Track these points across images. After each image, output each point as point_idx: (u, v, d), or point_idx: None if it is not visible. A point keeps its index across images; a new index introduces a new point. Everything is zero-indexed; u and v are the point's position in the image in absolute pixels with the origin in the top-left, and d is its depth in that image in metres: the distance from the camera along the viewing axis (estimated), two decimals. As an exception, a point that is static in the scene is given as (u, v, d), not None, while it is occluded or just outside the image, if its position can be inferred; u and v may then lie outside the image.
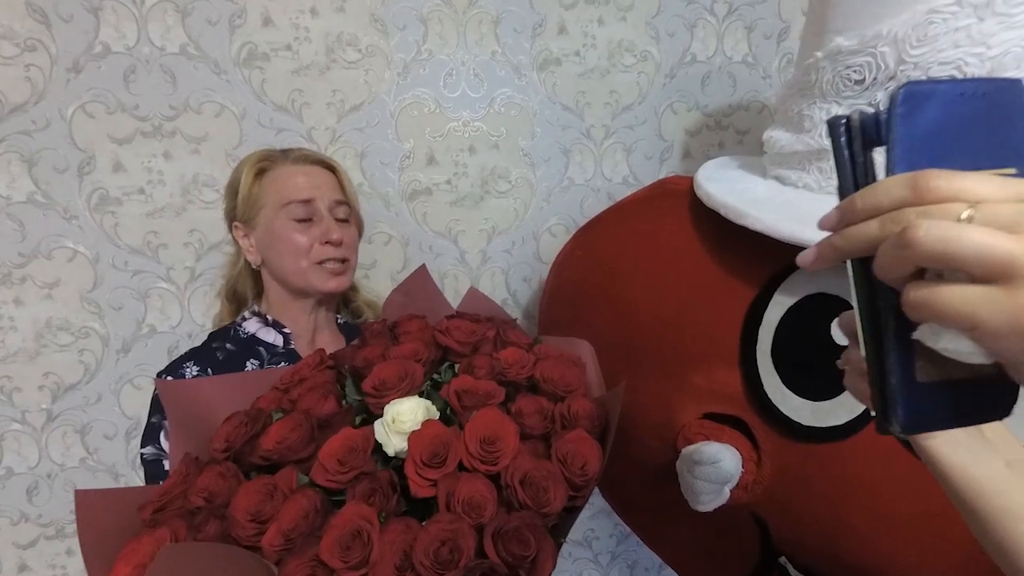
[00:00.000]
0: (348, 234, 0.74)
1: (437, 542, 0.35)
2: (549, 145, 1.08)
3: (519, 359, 0.48)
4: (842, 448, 0.56)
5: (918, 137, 0.23)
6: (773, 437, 0.59)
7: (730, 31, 1.12)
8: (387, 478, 0.39)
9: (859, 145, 0.25)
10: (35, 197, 0.91)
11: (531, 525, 0.36)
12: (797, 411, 0.58)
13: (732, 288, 0.64)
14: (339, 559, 0.34)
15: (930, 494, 0.50)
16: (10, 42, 0.86)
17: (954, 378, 0.25)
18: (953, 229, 0.20)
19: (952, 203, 0.21)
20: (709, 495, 0.58)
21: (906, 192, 0.22)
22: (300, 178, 0.72)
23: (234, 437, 0.45)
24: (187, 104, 0.93)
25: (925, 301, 0.21)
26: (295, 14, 0.94)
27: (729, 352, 0.62)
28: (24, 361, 0.95)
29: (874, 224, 0.23)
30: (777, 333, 0.60)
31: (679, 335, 0.68)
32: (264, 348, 0.72)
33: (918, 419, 0.25)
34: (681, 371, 0.67)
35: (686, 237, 0.71)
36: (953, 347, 0.22)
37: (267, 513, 0.38)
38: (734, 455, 0.58)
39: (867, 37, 0.54)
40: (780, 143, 0.67)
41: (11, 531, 0.99)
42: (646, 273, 0.74)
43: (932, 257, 0.20)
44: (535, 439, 0.42)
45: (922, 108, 0.23)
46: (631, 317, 0.74)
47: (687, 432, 0.62)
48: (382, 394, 0.44)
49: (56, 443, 0.98)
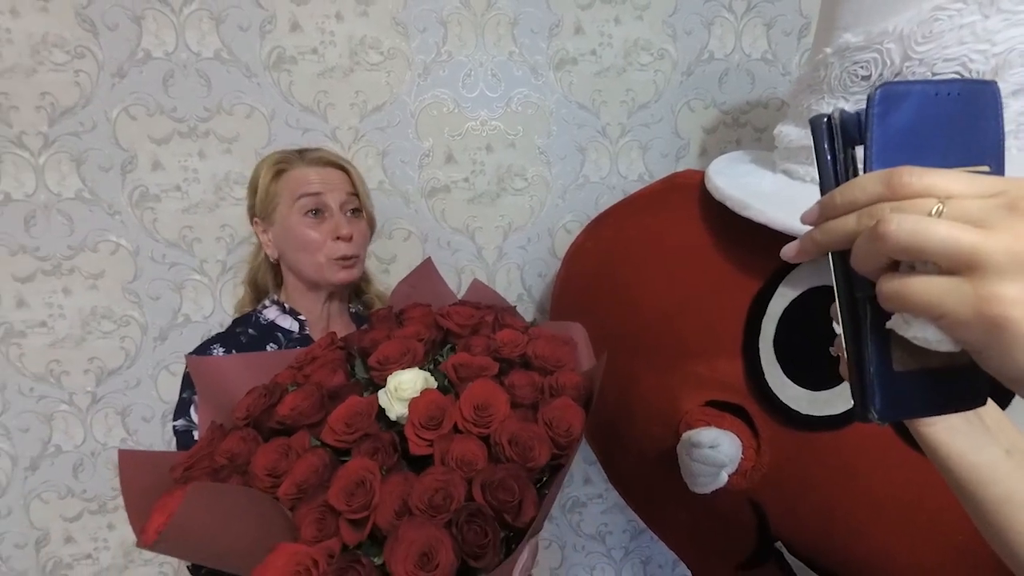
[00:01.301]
0: (358, 229, 0.78)
1: (431, 490, 0.38)
2: (565, 143, 1.10)
3: (513, 339, 0.50)
4: (838, 437, 0.56)
5: (893, 136, 0.24)
6: (772, 425, 0.60)
7: (748, 28, 1.12)
8: (389, 439, 0.42)
9: (840, 143, 0.26)
10: (82, 194, 0.98)
11: (516, 475, 0.39)
12: (796, 400, 0.59)
13: (738, 280, 0.65)
14: (344, 503, 0.37)
15: (923, 484, 0.52)
16: (61, 50, 0.94)
17: (930, 367, 0.25)
18: (922, 223, 0.21)
19: (923, 199, 0.22)
20: (706, 477, 0.59)
21: (880, 188, 0.23)
22: (312, 175, 0.77)
23: (254, 407, 0.49)
24: (220, 106, 0.99)
25: (896, 291, 0.22)
26: (321, 19, 0.99)
27: (732, 342, 0.63)
28: (71, 346, 1.02)
29: (851, 219, 0.24)
30: (780, 324, 0.61)
31: (685, 325, 0.69)
32: (282, 334, 0.77)
33: (894, 407, 0.26)
34: (685, 360, 0.68)
35: (694, 230, 0.72)
36: (922, 335, 0.23)
37: (282, 469, 0.41)
38: (733, 440, 0.59)
39: (874, 34, 0.55)
40: (789, 137, 0.67)
41: (58, 504, 1.06)
42: (654, 265, 0.76)
43: (902, 249, 0.21)
44: (525, 407, 0.45)
45: (898, 108, 0.24)
46: (639, 308, 0.75)
47: (689, 418, 0.64)
48: (385, 367, 0.47)
49: (100, 424, 1.05)
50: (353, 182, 0.80)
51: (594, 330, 0.65)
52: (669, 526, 0.84)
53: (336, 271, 0.75)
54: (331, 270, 0.75)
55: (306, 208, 0.75)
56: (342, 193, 0.77)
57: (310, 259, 0.75)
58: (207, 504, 0.35)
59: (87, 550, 1.09)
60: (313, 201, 0.75)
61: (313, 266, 0.75)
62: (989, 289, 0.20)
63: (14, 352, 1.01)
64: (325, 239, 0.74)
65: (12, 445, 1.03)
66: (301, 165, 0.78)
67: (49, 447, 1.04)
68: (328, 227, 0.75)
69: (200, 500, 0.35)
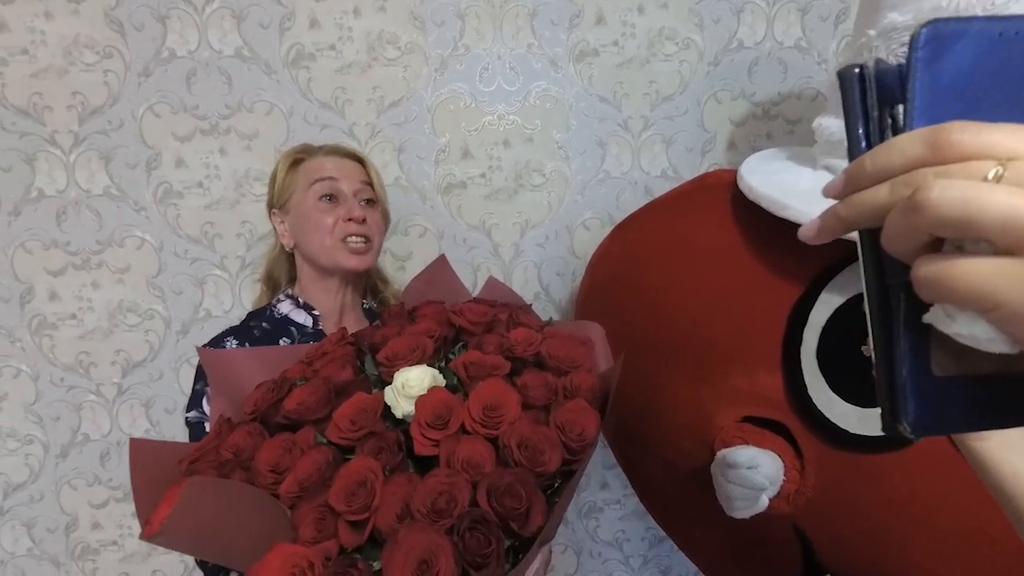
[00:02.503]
0: (372, 216, 0.79)
1: (435, 493, 0.36)
2: (585, 138, 1.07)
3: (527, 337, 0.48)
4: (892, 459, 0.52)
5: (943, 86, 0.20)
6: (817, 445, 0.56)
7: (781, 14, 1.07)
8: (394, 437, 0.40)
9: (874, 99, 0.22)
10: (110, 190, 1.00)
11: (524, 481, 0.37)
12: (844, 417, 0.54)
13: (775, 286, 0.61)
14: (344, 504, 0.36)
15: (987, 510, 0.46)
16: (92, 50, 0.96)
17: (978, 372, 0.21)
18: (973, 189, 0.16)
19: (978, 161, 0.17)
20: (744, 501, 0.55)
21: (922, 149, 0.18)
22: (328, 163, 0.78)
23: (261, 401, 0.48)
24: (241, 103, 1.00)
25: (937, 277, 0.18)
26: (339, 15, 0.99)
27: (771, 353, 0.59)
28: (99, 339, 1.05)
29: (884, 188, 0.19)
30: (824, 334, 0.57)
31: (717, 334, 0.66)
32: (295, 328, 0.77)
33: (931, 419, 0.21)
34: (719, 372, 0.64)
35: (726, 232, 0.68)
36: (968, 332, 0.19)
37: (285, 465, 0.41)
38: (774, 461, 0.55)
39: (925, 10, 0.51)
40: (830, 130, 0.63)
41: (87, 491, 1.09)
42: (683, 270, 0.72)
43: (947, 223, 0.17)
44: (537, 409, 0.43)
45: (949, 52, 0.20)
46: (667, 316, 0.71)
47: (724, 435, 0.60)
48: (393, 364, 0.46)
49: (125, 414, 1.08)
50: (368, 173, 0.81)
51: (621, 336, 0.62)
52: (701, 547, 0.80)
53: (347, 255, 0.75)
54: (342, 253, 0.75)
55: (320, 192, 0.76)
56: (356, 181, 0.79)
57: (321, 241, 0.75)
58: (206, 499, 0.35)
59: (113, 536, 1.11)
60: (327, 185, 0.76)
61: (324, 249, 0.75)
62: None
63: (46, 343, 1.04)
64: (337, 221, 0.75)
65: (44, 433, 1.07)
66: (318, 155, 0.80)
67: (78, 436, 1.07)
68: (341, 211, 0.76)
69: (198, 495, 0.34)
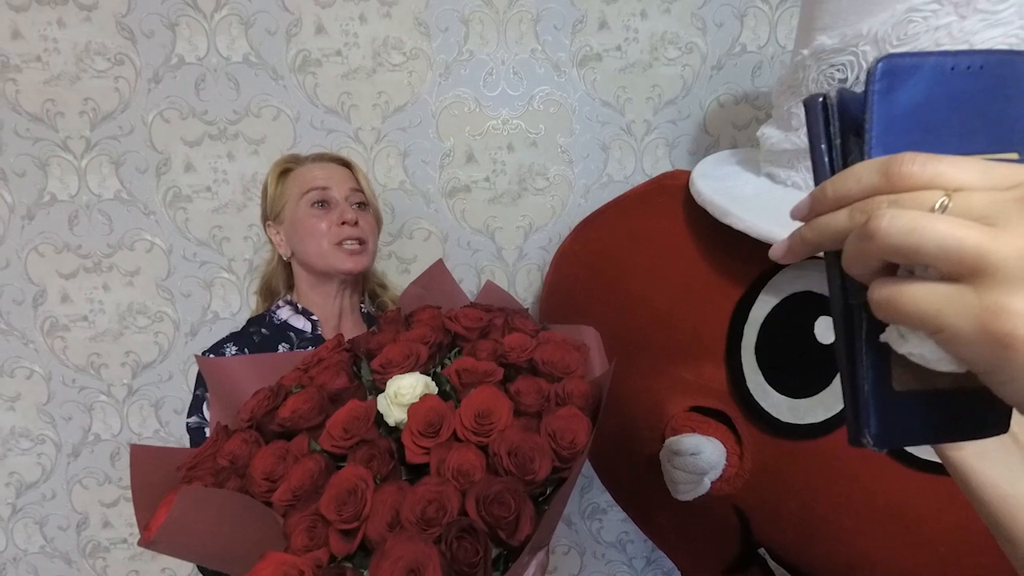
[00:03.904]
0: (364, 218, 0.80)
1: (424, 501, 0.37)
2: (588, 142, 1.07)
3: (521, 343, 0.48)
4: (818, 445, 0.56)
5: (898, 117, 0.21)
6: (754, 432, 0.60)
7: (784, 18, 1.06)
8: (386, 445, 0.41)
9: (836, 127, 0.23)
10: (121, 195, 1.02)
11: (513, 490, 0.37)
12: (776, 407, 0.59)
13: (721, 286, 0.65)
14: (335, 513, 0.37)
15: (905, 492, 0.52)
16: (103, 57, 0.98)
17: (938, 387, 0.22)
18: (920, 219, 0.18)
19: (927, 191, 0.18)
20: (687, 485, 0.59)
21: (877, 178, 0.20)
22: (317, 171, 0.80)
23: (257, 409, 0.49)
24: (248, 109, 1.01)
25: (888, 299, 0.19)
26: (345, 20, 1.00)
27: (716, 348, 0.63)
28: (110, 340, 1.07)
29: (843, 214, 0.21)
30: (762, 331, 0.61)
31: (670, 331, 0.69)
32: (294, 333, 0.78)
33: (893, 431, 0.22)
34: (671, 365, 0.68)
35: (679, 234, 0.72)
36: (919, 352, 0.20)
37: (279, 473, 0.41)
38: (716, 447, 0.59)
39: (849, 36, 0.54)
40: (772, 140, 0.66)
41: (97, 490, 1.11)
42: (640, 269, 0.76)
43: (895, 250, 0.18)
44: (530, 416, 0.43)
45: (904, 84, 0.21)
46: (625, 312, 0.75)
47: (674, 423, 0.64)
48: (387, 371, 0.46)
49: (135, 415, 1.10)
50: (357, 178, 0.83)
51: (582, 334, 0.64)
52: (658, 529, 0.84)
53: (343, 258, 0.76)
54: (337, 257, 0.76)
55: (314, 201, 0.77)
56: (346, 187, 0.80)
57: (316, 247, 0.76)
58: (198, 509, 0.35)
59: (123, 535, 1.14)
60: (319, 194, 0.78)
61: (319, 254, 0.76)
62: (996, 300, 0.17)
63: (58, 345, 1.06)
64: (331, 226, 0.76)
65: (56, 432, 1.09)
66: (306, 163, 0.81)
67: (89, 435, 1.10)
68: (334, 216, 0.77)
69: (191, 505, 0.35)
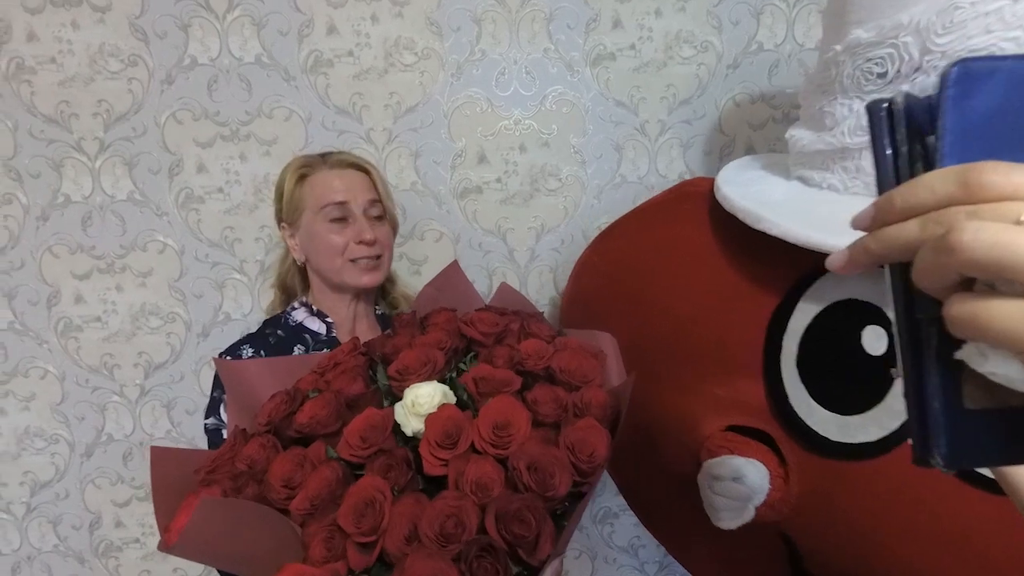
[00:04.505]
0: (381, 232, 0.79)
1: (442, 516, 0.36)
2: (601, 142, 1.06)
3: (538, 350, 0.48)
4: (874, 466, 0.52)
5: (973, 124, 0.20)
6: (799, 452, 0.56)
7: (802, 16, 1.05)
8: (403, 455, 0.40)
9: (902, 134, 0.22)
10: (134, 196, 1.03)
11: (533, 507, 0.36)
12: (823, 425, 0.54)
13: (754, 295, 0.61)
14: (353, 525, 0.36)
15: (972, 516, 0.48)
16: (116, 59, 0.98)
17: (1012, 405, 0.21)
18: (1007, 233, 0.17)
19: (1010, 202, 0.18)
20: (730, 512, 0.55)
21: (953, 188, 0.19)
22: (336, 182, 0.77)
23: (275, 413, 0.49)
24: (260, 109, 1.01)
25: (970, 317, 0.18)
26: (357, 21, 0.99)
27: (752, 362, 0.60)
28: (123, 341, 1.07)
29: (914, 225, 0.20)
30: (803, 342, 0.57)
31: (699, 344, 0.66)
32: (309, 336, 0.78)
33: (964, 452, 0.21)
34: (702, 381, 0.64)
35: (705, 242, 0.69)
36: (1002, 372, 0.19)
37: (297, 480, 0.41)
38: (759, 470, 0.55)
39: (887, 28, 0.51)
40: (802, 142, 0.63)
41: (110, 490, 1.12)
42: (664, 280, 0.73)
43: (980, 265, 0.17)
44: (547, 427, 0.42)
45: (979, 90, 0.20)
46: (649, 326, 0.72)
47: (710, 444, 0.60)
48: (404, 378, 0.46)
49: (147, 415, 1.10)
50: (375, 185, 0.81)
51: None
52: (696, 559, 0.79)
53: (359, 275, 0.76)
54: (353, 274, 0.76)
55: (332, 217, 0.76)
56: (364, 199, 0.78)
57: (333, 263, 0.76)
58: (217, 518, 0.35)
59: (135, 535, 1.14)
60: (339, 210, 0.76)
61: (335, 270, 0.76)
62: None
63: (72, 345, 1.07)
64: (348, 243, 0.75)
65: (70, 432, 1.10)
66: (324, 168, 0.79)
67: (102, 435, 1.10)
68: (351, 231, 0.76)
69: (209, 515, 0.35)
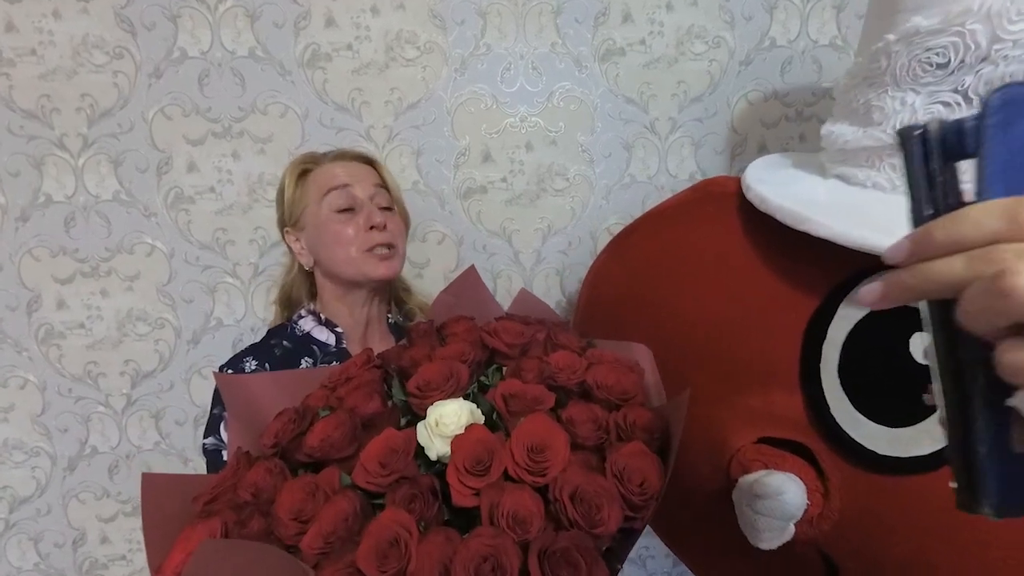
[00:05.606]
0: (392, 221, 0.75)
1: (478, 558, 0.32)
2: (610, 140, 1.03)
3: (570, 363, 0.44)
4: (929, 481, 0.49)
5: (1015, 153, 0.19)
6: (843, 467, 0.53)
7: (816, 11, 1.02)
8: (428, 484, 0.36)
9: (939, 160, 0.21)
10: (120, 195, 0.97)
11: (582, 547, 0.32)
12: (872, 439, 0.51)
13: (789, 301, 0.57)
14: (375, 568, 0.32)
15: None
16: (101, 51, 0.93)
17: None
18: None
19: None
20: (772, 532, 0.51)
21: (999, 224, 0.18)
22: (338, 170, 0.74)
23: (283, 434, 0.45)
24: (254, 105, 0.96)
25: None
26: (356, 13, 0.95)
27: (788, 371, 0.56)
28: (108, 348, 1.02)
29: (958, 262, 0.18)
30: (844, 350, 0.53)
31: (730, 352, 0.62)
32: (317, 347, 0.73)
33: (1015, 497, 0.20)
34: (733, 392, 0.61)
35: (734, 245, 0.65)
36: None
37: (308, 513, 0.37)
38: (799, 486, 0.51)
39: (953, 14, 0.48)
40: (844, 138, 0.60)
41: (95, 505, 1.06)
42: (690, 285, 0.68)
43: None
44: (587, 450, 0.38)
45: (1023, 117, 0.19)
46: (675, 334, 0.67)
47: (742, 458, 0.56)
48: (426, 394, 0.42)
49: (134, 426, 1.05)
50: (381, 175, 0.77)
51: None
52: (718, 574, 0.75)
53: (374, 264, 0.71)
54: (368, 264, 0.71)
55: (336, 205, 0.71)
56: (370, 185, 0.74)
57: (344, 254, 0.71)
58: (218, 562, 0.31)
59: (122, 551, 1.09)
60: (342, 195, 0.72)
61: (348, 262, 0.71)
62: None
63: (54, 353, 1.01)
64: (358, 232, 0.71)
65: (51, 445, 1.04)
66: (325, 163, 0.75)
67: (86, 448, 1.04)
68: (360, 220, 0.71)
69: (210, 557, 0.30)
